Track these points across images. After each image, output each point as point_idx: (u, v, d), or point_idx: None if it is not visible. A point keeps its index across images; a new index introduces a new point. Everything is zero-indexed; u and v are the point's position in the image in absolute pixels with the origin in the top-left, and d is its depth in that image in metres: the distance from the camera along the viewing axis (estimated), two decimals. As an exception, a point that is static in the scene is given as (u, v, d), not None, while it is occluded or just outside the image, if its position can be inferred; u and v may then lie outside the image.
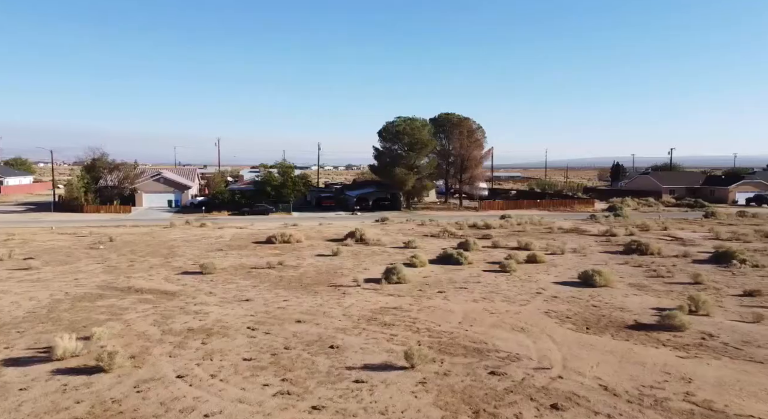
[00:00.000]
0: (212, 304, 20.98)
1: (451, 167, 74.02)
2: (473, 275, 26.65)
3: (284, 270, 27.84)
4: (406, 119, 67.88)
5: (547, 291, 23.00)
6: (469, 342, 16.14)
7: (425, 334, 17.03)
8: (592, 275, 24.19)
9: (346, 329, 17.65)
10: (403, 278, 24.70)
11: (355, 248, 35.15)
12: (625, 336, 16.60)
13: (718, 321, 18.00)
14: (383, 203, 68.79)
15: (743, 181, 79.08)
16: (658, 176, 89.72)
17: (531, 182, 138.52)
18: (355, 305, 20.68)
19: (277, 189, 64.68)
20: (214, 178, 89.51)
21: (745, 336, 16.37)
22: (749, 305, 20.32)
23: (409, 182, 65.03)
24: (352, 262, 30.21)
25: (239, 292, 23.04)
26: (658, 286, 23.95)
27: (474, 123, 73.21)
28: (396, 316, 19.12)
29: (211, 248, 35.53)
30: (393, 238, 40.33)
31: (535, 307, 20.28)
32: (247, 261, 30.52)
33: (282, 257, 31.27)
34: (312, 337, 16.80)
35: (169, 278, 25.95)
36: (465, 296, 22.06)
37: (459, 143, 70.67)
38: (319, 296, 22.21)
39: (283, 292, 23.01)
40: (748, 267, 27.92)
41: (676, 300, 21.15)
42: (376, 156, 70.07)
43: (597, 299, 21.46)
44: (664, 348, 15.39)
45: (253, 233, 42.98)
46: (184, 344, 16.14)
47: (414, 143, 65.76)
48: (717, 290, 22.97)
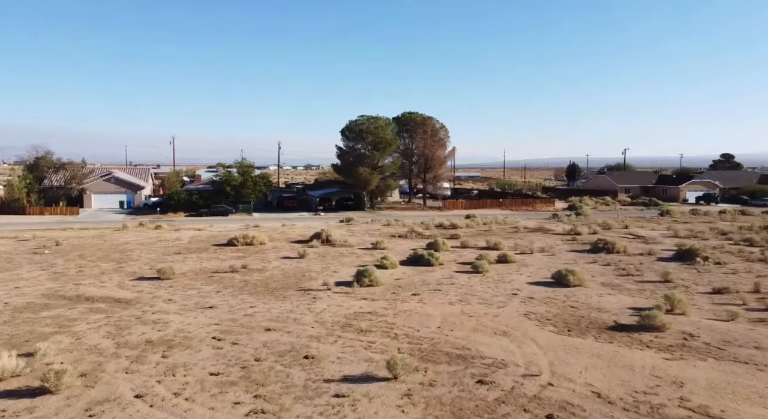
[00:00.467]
0: (172, 312, 19.46)
1: (415, 166, 73.67)
2: (446, 276, 26.02)
3: (249, 274, 26.43)
4: (369, 117, 67.00)
5: (522, 292, 22.60)
6: (452, 348, 15.39)
7: (404, 340, 16.18)
8: (566, 274, 23.99)
9: (320, 337, 16.59)
10: (376, 281, 23.80)
11: (322, 250, 33.99)
12: (608, 337, 16.26)
13: (696, 320, 17.96)
14: (347, 203, 67.68)
15: (693, 180, 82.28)
16: (614, 175, 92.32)
17: (491, 182, 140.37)
18: (327, 311, 19.62)
19: (237, 189, 62.54)
20: (169, 178, 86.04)
21: (724, 335, 16.32)
22: (720, 303, 20.48)
23: (373, 182, 64.21)
24: (320, 264, 29.06)
25: (201, 298, 21.56)
26: (629, 285, 23.96)
27: (437, 122, 73.14)
28: (372, 321, 18.19)
29: (169, 251, 33.58)
30: (360, 239, 39.36)
31: (513, 309, 19.78)
32: (208, 265, 28.88)
33: (246, 260, 29.80)
34: (284, 347, 15.65)
35: (124, 284, 24.12)
36: (441, 299, 21.36)
37: (423, 142, 70.38)
38: (288, 302, 21.01)
39: (250, 298, 21.69)
40: (711, 264, 28.47)
41: (650, 299, 21.13)
42: (339, 155, 68.91)
43: (573, 300, 21.19)
44: (648, 349, 15.09)
45: (213, 235, 41.10)
46: (142, 358, 14.70)
47: (378, 142, 64.98)
48: (687, 288, 23.16)
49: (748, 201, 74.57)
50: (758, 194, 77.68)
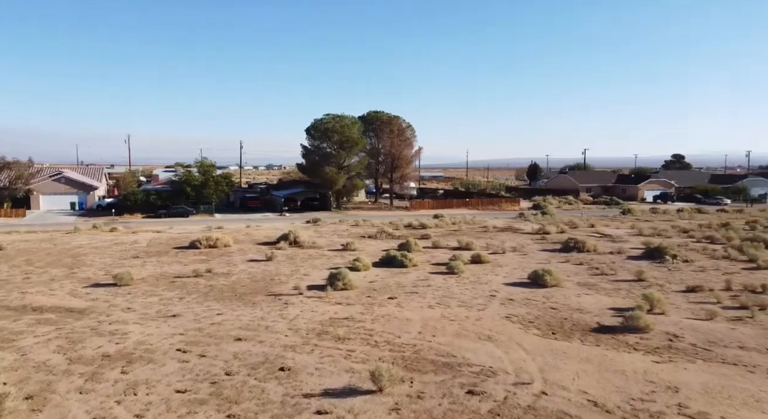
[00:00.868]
0: (131, 322, 17.95)
1: (382, 166, 72.92)
2: (421, 278, 25.31)
3: (214, 278, 24.98)
4: (335, 116, 65.78)
5: (500, 293, 22.10)
6: (436, 356, 14.63)
7: (385, 348, 15.31)
8: (543, 275, 23.66)
9: (295, 346, 15.52)
10: (350, 284, 22.84)
11: (290, 252, 32.73)
12: (594, 340, 15.86)
13: (677, 320, 17.83)
14: (312, 203, 66.27)
15: (650, 180, 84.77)
16: (575, 175, 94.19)
17: (455, 182, 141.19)
18: (301, 317, 18.54)
19: (197, 189, 60.18)
20: (124, 178, 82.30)
21: (707, 335, 16.18)
22: (696, 302, 20.53)
23: (339, 182, 63.06)
24: (289, 267, 27.85)
25: (163, 306, 20.08)
26: (605, 284, 23.85)
27: (404, 122, 72.64)
28: (349, 328, 17.24)
29: (126, 255, 31.61)
30: (329, 240, 38.25)
31: (494, 311, 19.21)
32: (169, 269, 27.22)
33: (210, 264, 28.28)
34: (257, 358, 14.52)
35: (76, 292, 22.31)
36: (419, 302, 20.60)
37: (390, 141, 69.68)
38: (258, 308, 19.80)
39: (216, 304, 20.35)
40: (680, 262, 28.83)
41: (628, 299, 21.01)
42: (304, 154, 67.40)
43: (552, 301, 20.82)
44: (636, 352, 14.74)
45: (174, 238, 39.13)
46: (98, 375, 13.29)
47: (344, 141, 63.86)
48: (661, 287, 23.20)
49: (701, 200, 77.28)
50: (710, 193, 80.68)
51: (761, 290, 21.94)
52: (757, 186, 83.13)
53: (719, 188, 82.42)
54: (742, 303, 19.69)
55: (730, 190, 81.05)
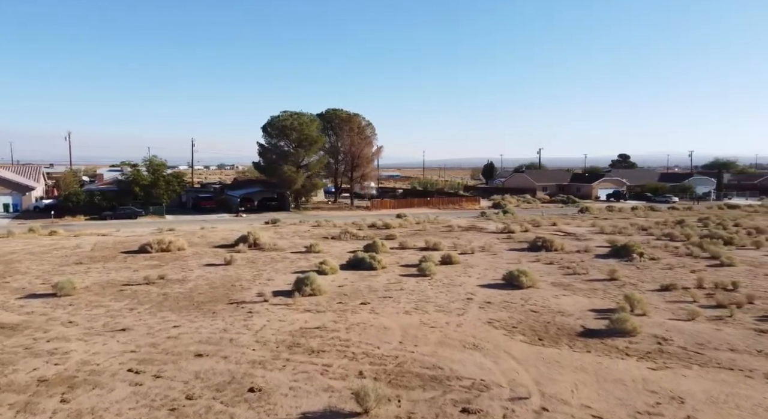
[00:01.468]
0: (74, 338, 15.88)
1: (341, 164, 71.37)
2: (392, 281, 24.12)
3: (168, 286, 22.93)
4: (293, 113, 63.74)
5: (477, 296, 21.19)
6: (422, 368, 13.45)
7: (365, 361, 14.01)
8: (518, 276, 22.96)
9: (264, 361, 13.99)
10: (318, 289, 21.36)
11: (251, 255, 30.84)
12: (583, 346, 15.10)
13: (660, 321, 17.38)
14: (270, 203, 63.97)
15: (603, 179, 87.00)
16: (532, 174, 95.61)
17: (412, 181, 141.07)
18: (268, 328, 16.96)
19: (146, 189, 56.83)
20: (65, 178, 77.08)
21: (695, 337, 15.74)
22: (673, 301, 20.27)
23: (298, 181, 61.10)
24: (250, 272, 26.05)
25: (111, 319, 18.01)
26: (579, 284, 23.39)
27: (363, 120, 71.40)
28: (323, 339, 15.82)
29: (67, 261, 28.87)
30: (290, 241, 36.51)
31: (474, 316, 18.23)
32: (117, 276, 24.88)
33: (163, 270, 26.12)
34: (222, 377, 12.91)
35: (8, 304, 19.82)
36: (394, 308, 19.39)
37: (349, 140, 68.22)
38: (219, 318, 18.05)
39: (172, 315, 18.44)
40: (646, 260, 28.89)
41: (606, 300, 20.55)
42: (260, 153, 65.03)
43: (531, 303, 20.07)
44: (629, 358, 14.05)
45: (121, 241, 36.35)
46: (33, 405, 11.37)
47: (302, 139, 61.95)
48: (635, 286, 22.93)
49: (651, 198, 79.85)
50: (660, 191, 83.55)
51: (732, 288, 22.00)
52: (701, 185, 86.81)
53: (667, 187, 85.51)
54: (718, 302, 19.54)
55: (678, 188, 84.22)
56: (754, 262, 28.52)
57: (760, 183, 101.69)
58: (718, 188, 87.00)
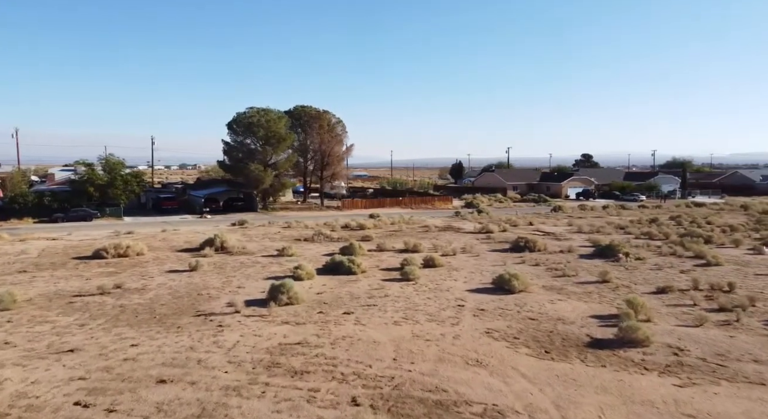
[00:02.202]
0: (9, 364, 13.52)
1: (311, 163, 69.07)
2: (374, 286, 22.38)
3: (125, 296, 20.53)
4: (260, 109, 61.07)
5: (468, 303, 19.68)
6: (423, 391, 11.77)
7: (357, 384, 12.23)
8: (509, 279, 21.57)
9: (239, 387, 12.03)
10: (295, 298, 19.43)
11: (218, 260, 28.53)
12: (595, 359, 13.73)
13: (669, 329, 16.23)
14: (236, 203, 61.14)
15: (573, 178, 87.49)
16: (502, 173, 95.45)
17: (381, 181, 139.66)
18: (242, 344, 14.96)
19: (102, 190, 53.27)
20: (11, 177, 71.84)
21: (711, 346, 14.60)
22: (673, 305, 19.28)
23: (266, 180, 58.50)
24: (218, 279, 23.82)
25: (57, 337, 15.65)
26: (572, 287, 22.20)
27: (334, 117, 69.28)
28: (306, 357, 13.95)
29: (9, 269, 25.93)
30: (260, 244, 34.27)
31: (470, 326, 16.69)
32: (66, 286, 22.27)
33: (120, 278, 23.61)
34: (190, 409, 10.92)
35: (-65, 322, 17.12)
36: (380, 318, 17.65)
37: (319, 137, 65.96)
38: (185, 334, 15.92)
39: (129, 331, 16.19)
40: (632, 260, 28.08)
41: (604, 304, 19.37)
42: (226, 151, 62.02)
43: (527, 309, 18.69)
44: (649, 373, 12.74)
45: (74, 246, 33.33)
46: (-48, 456, 9.13)
47: (270, 136, 59.33)
48: (628, 289, 21.91)
49: (619, 196, 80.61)
50: (627, 189, 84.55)
51: (728, 289, 21.20)
52: (666, 183, 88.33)
53: (634, 185, 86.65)
54: (720, 305, 18.60)
55: (644, 186, 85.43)
56: (739, 261, 28.08)
57: (719, 182, 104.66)
58: (683, 187, 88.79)
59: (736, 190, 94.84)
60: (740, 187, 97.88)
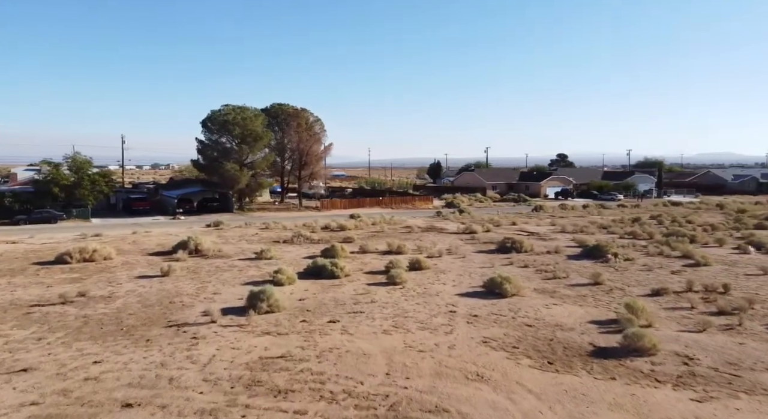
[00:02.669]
0: (-46, 387, 11.93)
1: (289, 163, 67.40)
2: (359, 291, 21.20)
3: (90, 305, 18.91)
4: (235, 107, 59.18)
5: (459, 308, 18.66)
6: (423, 412, 10.65)
7: (348, 404, 11.05)
8: (501, 283, 20.64)
9: (216, 410, 10.74)
10: (276, 305, 18.12)
11: (192, 264, 26.95)
12: (602, 370, 12.82)
13: (673, 335, 15.46)
14: (211, 204, 59.15)
15: (551, 177, 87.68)
16: (481, 172, 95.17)
17: (359, 181, 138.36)
18: (218, 359, 13.62)
19: (68, 190, 50.71)
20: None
21: (721, 354, 13.84)
22: (671, 308, 18.61)
23: (242, 180, 56.69)
24: (193, 284, 22.32)
25: (9, 354, 14.05)
26: (565, 290, 21.40)
27: (312, 115, 67.73)
28: (290, 372, 12.70)
29: (-38, 276, 23.91)
30: (237, 247, 32.72)
31: (465, 335, 15.65)
32: (24, 295, 20.49)
33: (85, 284, 21.91)
34: (159, 440, 9.57)
35: None
36: (369, 326, 16.48)
37: (297, 136, 64.32)
38: (155, 347, 14.49)
39: (92, 346, 14.68)
40: (621, 261, 27.53)
41: (601, 308, 18.59)
42: (200, 150, 59.89)
43: (522, 315, 17.76)
44: (662, 386, 11.88)
45: (35, 250, 31.24)
46: None
47: (246, 134, 57.52)
48: (622, 291, 21.22)
49: (597, 196, 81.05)
50: (605, 188, 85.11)
51: (724, 291, 20.67)
52: (642, 182, 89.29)
53: (611, 184, 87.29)
54: (720, 308, 17.99)
55: (621, 186, 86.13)
56: (727, 261, 27.78)
57: (693, 181, 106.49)
58: (659, 186, 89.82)
59: (709, 189, 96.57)
60: (713, 186, 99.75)
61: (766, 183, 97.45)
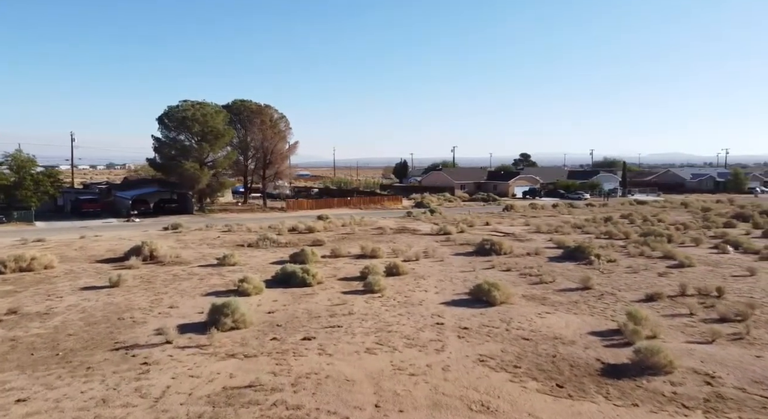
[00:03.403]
0: None
1: (252, 161, 64.54)
2: (335, 301, 19.24)
3: (22, 324, 16.28)
4: (194, 103, 56.04)
5: (446, 319, 16.98)
6: (424, 457, 8.84)
7: (333, 448, 9.13)
8: (489, 290, 19.06)
9: (170, 465, 8.62)
10: (242, 320, 15.99)
11: (146, 272, 24.36)
12: (619, 394, 11.31)
13: (686, 348, 14.16)
14: (169, 205, 55.84)
15: (519, 177, 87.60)
16: (450, 172, 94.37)
17: (325, 180, 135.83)
18: (174, 391, 11.45)
19: (8, 191, 46.69)
20: None
21: (742, 370, 12.58)
22: (670, 315, 17.44)
23: (202, 180, 53.65)
24: (146, 296, 19.85)
25: None
26: (555, 296, 20.03)
27: (276, 112, 65.02)
28: (261, 407, 10.67)
29: None
30: (197, 252, 30.17)
31: (458, 352, 13.94)
32: (-57, 313, 17.60)
33: (17, 299, 19.15)
34: None
35: None
36: (349, 344, 14.57)
37: (261, 134, 61.56)
38: (97, 378, 12.17)
39: (18, 378, 12.23)
40: (605, 263, 26.51)
41: (597, 316, 17.27)
42: (156, 148, 56.46)
43: (516, 326, 16.21)
44: (692, 413, 10.43)
45: (-35, 258, 27.82)
46: None
47: (207, 132, 54.49)
48: (614, 296, 20.02)
49: (564, 195, 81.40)
50: (571, 188, 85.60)
51: (718, 294, 19.73)
52: (607, 181, 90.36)
53: (578, 183, 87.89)
54: (721, 315, 16.92)
55: (587, 185, 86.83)
56: (709, 261, 27.17)
57: (654, 180, 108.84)
58: (623, 185, 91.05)
59: (669, 188, 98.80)
60: (672, 185, 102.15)
61: (722, 182, 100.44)
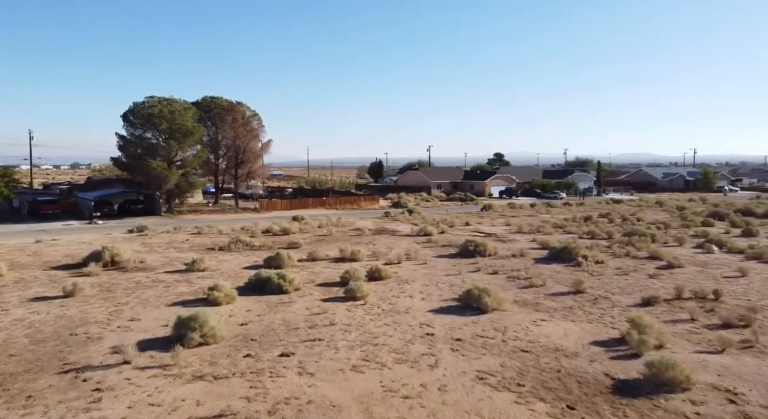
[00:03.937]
0: None
1: (224, 161, 62.22)
2: (314, 310, 17.73)
3: (-44, 345, 14.28)
4: (162, 99, 53.58)
5: (437, 329, 15.67)
6: None
7: None
8: (479, 295, 17.84)
9: None
10: (212, 334, 14.35)
11: (107, 280, 22.35)
12: (637, 417, 10.16)
13: (697, 359, 13.16)
14: (135, 206, 53.19)
15: (496, 176, 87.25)
16: (426, 171, 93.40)
17: (299, 180, 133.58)
18: (129, 426, 9.80)
19: (-42, 191, 43.49)
20: None
21: (765, 385, 11.60)
22: (670, 321, 16.52)
23: (170, 179, 51.24)
24: (104, 308, 17.95)
25: None
26: (548, 302, 18.95)
27: (248, 109, 62.80)
28: (232, 445, 9.13)
29: None
30: (164, 256, 28.17)
31: (454, 368, 12.61)
32: None
33: (-45, 314, 17.01)
34: None
35: None
36: (333, 360, 13.09)
37: (233, 132, 59.33)
38: (38, 409, 10.42)
39: (-55, 412, 10.38)
40: (593, 264, 25.67)
41: (596, 323, 16.23)
42: (121, 146, 53.71)
43: (512, 337, 15.01)
44: (721, 434, 9.36)
45: None
46: None
47: (175, 129, 52.10)
48: (609, 300, 19.07)
49: (540, 194, 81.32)
50: (547, 187, 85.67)
51: (715, 297, 18.97)
52: (582, 181, 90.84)
53: (553, 183, 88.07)
54: (723, 320, 16.08)
55: (563, 184, 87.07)
56: (697, 261, 26.62)
57: (626, 179, 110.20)
58: (598, 184, 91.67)
59: (642, 187, 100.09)
60: (645, 184, 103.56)
61: (692, 181, 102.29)
